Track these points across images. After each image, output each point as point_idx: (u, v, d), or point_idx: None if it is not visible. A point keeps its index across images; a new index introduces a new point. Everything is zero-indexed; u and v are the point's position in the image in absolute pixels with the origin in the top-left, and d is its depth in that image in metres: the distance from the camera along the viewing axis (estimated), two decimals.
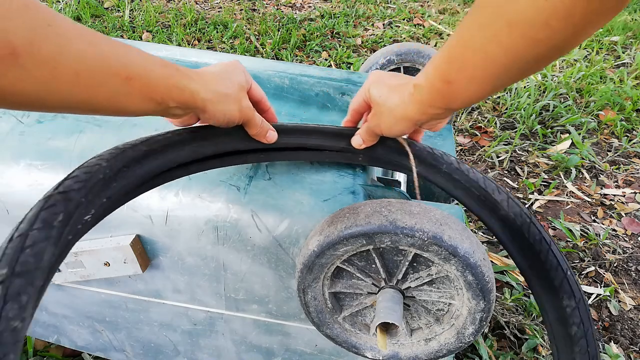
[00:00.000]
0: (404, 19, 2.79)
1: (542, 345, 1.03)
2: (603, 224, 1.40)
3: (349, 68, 2.16)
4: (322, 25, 2.56)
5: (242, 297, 0.63)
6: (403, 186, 0.80)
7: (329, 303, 0.54)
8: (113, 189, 0.39)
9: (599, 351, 0.98)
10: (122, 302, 0.69)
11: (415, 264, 0.49)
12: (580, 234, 1.34)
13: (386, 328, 0.50)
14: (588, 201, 1.49)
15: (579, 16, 0.28)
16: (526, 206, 1.44)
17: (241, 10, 2.79)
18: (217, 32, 2.41)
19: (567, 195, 1.52)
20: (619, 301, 1.16)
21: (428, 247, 0.45)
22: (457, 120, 1.87)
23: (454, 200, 0.85)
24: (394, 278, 0.50)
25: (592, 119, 1.87)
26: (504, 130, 1.83)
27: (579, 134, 1.76)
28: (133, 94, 0.36)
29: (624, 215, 1.44)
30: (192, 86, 0.41)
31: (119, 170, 0.40)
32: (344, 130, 0.55)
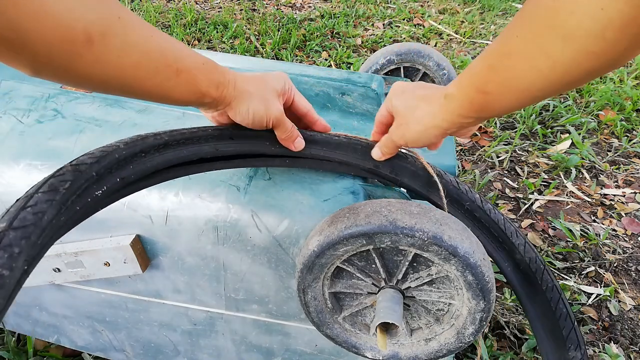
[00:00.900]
0: (404, 19, 2.79)
1: None
2: (603, 224, 1.40)
3: (349, 68, 2.16)
4: (322, 25, 2.56)
5: (242, 297, 0.63)
6: None
7: (329, 303, 0.54)
8: (128, 170, 0.40)
9: None
10: (122, 302, 0.69)
11: (415, 264, 0.49)
12: (580, 234, 1.34)
13: (386, 328, 0.50)
14: (588, 201, 1.49)
15: (635, 27, 0.26)
16: (526, 206, 1.44)
17: (241, 10, 2.79)
18: (217, 32, 2.41)
19: (567, 195, 1.52)
20: (619, 301, 1.16)
21: (428, 247, 0.45)
22: None
23: None
24: (394, 278, 0.50)
25: (592, 119, 1.87)
26: (504, 130, 1.83)
27: (579, 134, 1.76)
28: (180, 84, 0.40)
29: (624, 215, 1.44)
30: (224, 83, 0.44)
31: (136, 154, 0.41)
32: (372, 146, 0.54)
